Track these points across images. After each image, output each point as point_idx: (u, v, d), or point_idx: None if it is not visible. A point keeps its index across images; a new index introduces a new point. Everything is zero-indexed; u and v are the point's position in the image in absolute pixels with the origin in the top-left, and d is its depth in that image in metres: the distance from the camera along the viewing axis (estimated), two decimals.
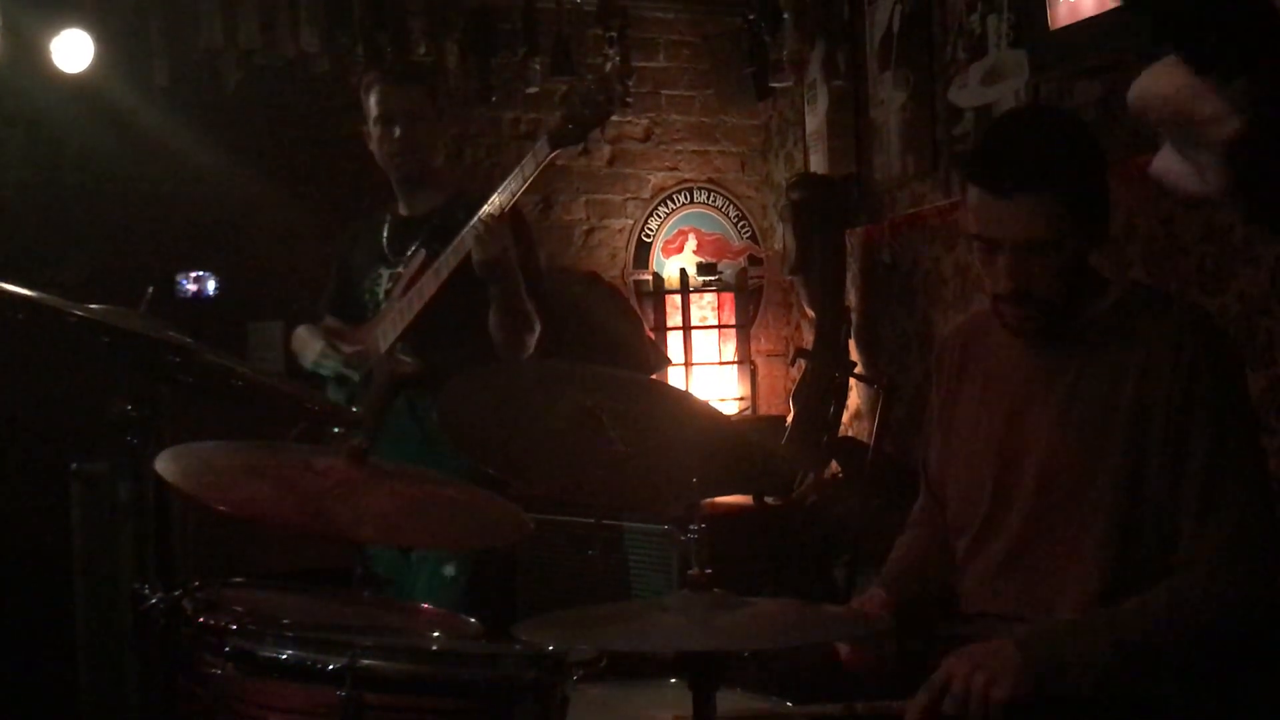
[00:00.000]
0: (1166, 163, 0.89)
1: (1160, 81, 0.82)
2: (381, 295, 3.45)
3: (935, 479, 2.40)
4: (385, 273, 3.46)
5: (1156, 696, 2.01)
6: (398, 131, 3.37)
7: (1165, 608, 1.98)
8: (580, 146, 3.24)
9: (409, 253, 3.40)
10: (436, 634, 2.17)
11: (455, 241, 3.23)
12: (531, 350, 3.36)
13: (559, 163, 5.43)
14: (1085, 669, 1.95)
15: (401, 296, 3.35)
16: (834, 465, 4.75)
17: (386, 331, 3.37)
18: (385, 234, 3.50)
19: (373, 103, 3.40)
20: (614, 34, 5.21)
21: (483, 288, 3.24)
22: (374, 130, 3.42)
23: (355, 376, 3.41)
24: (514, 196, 3.20)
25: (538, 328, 3.37)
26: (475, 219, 3.20)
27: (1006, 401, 2.21)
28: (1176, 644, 1.98)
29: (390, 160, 3.43)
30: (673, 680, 2.14)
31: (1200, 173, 0.87)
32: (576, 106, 3.17)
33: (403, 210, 3.49)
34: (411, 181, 3.45)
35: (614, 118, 5.43)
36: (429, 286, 3.27)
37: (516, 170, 3.20)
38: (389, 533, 2.15)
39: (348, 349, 3.43)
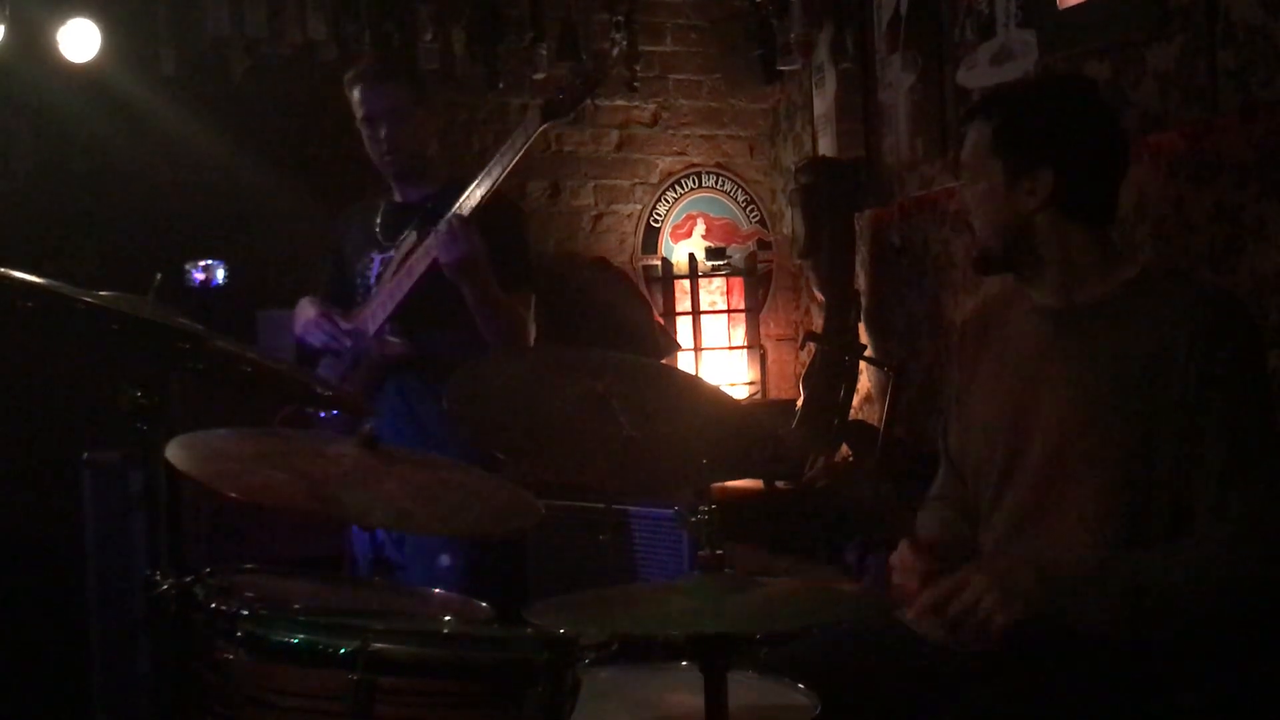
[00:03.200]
0: None
1: None
2: (373, 280, 3.45)
3: (955, 455, 2.40)
4: (376, 257, 3.46)
5: (1168, 677, 2.00)
6: (383, 132, 3.36)
7: (1188, 565, 1.97)
8: (570, 117, 3.24)
9: (401, 238, 3.39)
10: (448, 618, 2.17)
11: (460, 201, 3.23)
12: (524, 343, 3.35)
13: (566, 148, 5.43)
14: (1101, 608, 1.95)
15: (392, 278, 3.35)
16: (844, 449, 4.75)
17: (376, 312, 3.37)
18: (379, 220, 3.50)
19: (355, 103, 3.39)
20: (621, 18, 5.19)
21: None
22: (361, 130, 3.42)
23: (344, 346, 3.40)
24: (505, 169, 3.19)
25: (521, 322, 3.34)
26: (446, 218, 3.20)
27: (1021, 376, 2.22)
28: (1193, 605, 1.97)
29: (380, 159, 3.43)
30: (684, 663, 2.14)
31: None
32: (568, 77, 3.18)
33: (397, 197, 3.49)
34: (404, 176, 3.45)
35: (621, 102, 5.44)
36: (418, 267, 3.27)
37: (508, 143, 3.20)
38: (400, 519, 2.15)
39: (344, 325, 3.43)
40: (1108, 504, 2.06)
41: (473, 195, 3.21)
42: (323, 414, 3.12)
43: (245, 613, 1.84)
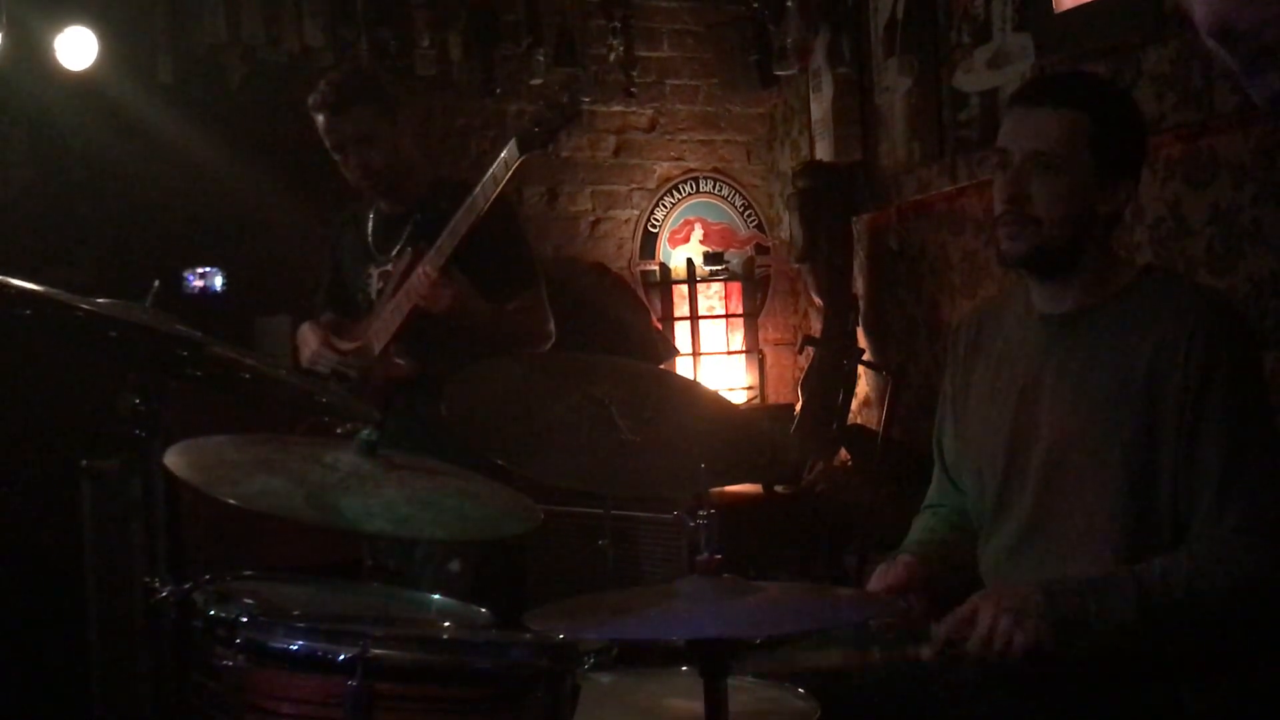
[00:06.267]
0: None
1: None
2: (374, 294, 3.44)
3: (951, 463, 2.40)
4: (374, 271, 3.46)
5: (1171, 679, 2.00)
6: (354, 160, 3.35)
7: (1187, 574, 1.96)
8: (549, 148, 3.23)
9: (395, 251, 3.39)
10: (447, 623, 2.17)
11: (439, 242, 3.23)
12: (545, 344, 3.37)
13: (563, 154, 5.43)
14: (1108, 623, 1.94)
15: (392, 297, 3.34)
16: (843, 453, 4.75)
17: (380, 333, 3.37)
18: (370, 229, 3.49)
19: (321, 131, 3.36)
20: (617, 24, 5.21)
21: (474, 285, 3.24)
22: (334, 155, 3.40)
23: (352, 374, 3.41)
24: (488, 201, 3.19)
25: (530, 326, 3.35)
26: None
27: (1019, 381, 2.21)
28: (1196, 612, 1.96)
29: (358, 183, 3.42)
30: (684, 668, 2.14)
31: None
32: (543, 109, 3.17)
33: (384, 208, 3.49)
34: (387, 193, 3.44)
35: (618, 107, 5.45)
36: (414, 291, 3.27)
37: (488, 176, 3.18)
38: (399, 525, 2.15)
39: (345, 347, 3.43)
40: (1111, 512, 2.05)
41: (456, 230, 3.20)
42: (339, 430, 3.12)
43: (244, 619, 1.83)
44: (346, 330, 3.49)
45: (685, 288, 5.55)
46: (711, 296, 5.59)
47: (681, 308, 5.55)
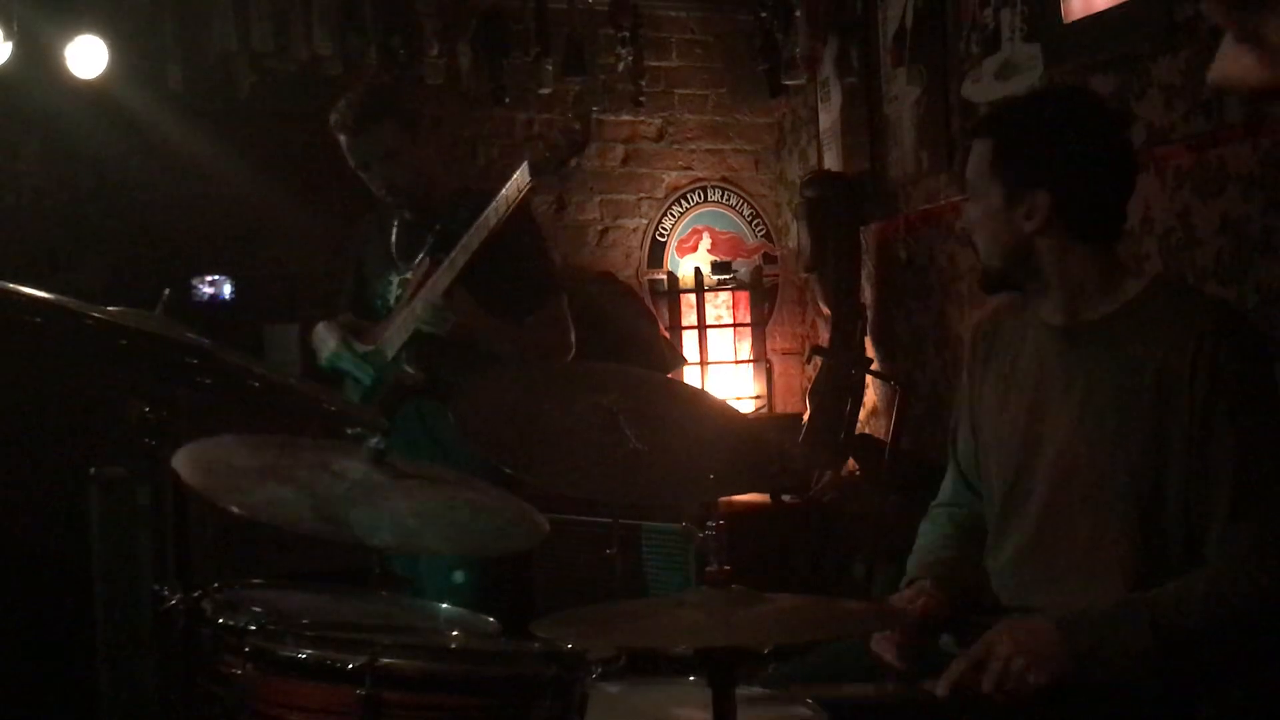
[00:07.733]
0: (1226, 62, 0.88)
1: None
2: (393, 301, 3.46)
3: (966, 465, 2.40)
4: (395, 279, 3.48)
5: (1186, 690, 2.00)
6: (378, 178, 3.38)
7: (1202, 598, 1.96)
8: (556, 176, 3.28)
9: (417, 260, 3.41)
10: (455, 632, 2.17)
11: (448, 259, 3.24)
12: (565, 356, 3.39)
13: (571, 163, 5.42)
14: (1124, 655, 1.93)
15: (408, 304, 3.36)
16: (851, 463, 4.74)
17: (392, 339, 3.38)
18: (394, 237, 3.51)
19: (344, 150, 3.40)
20: (626, 33, 5.22)
21: (484, 297, 3.25)
22: (358, 173, 3.43)
23: (366, 379, 3.42)
24: (500, 219, 3.20)
25: (548, 339, 3.37)
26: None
27: (1029, 393, 2.21)
28: (1213, 636, 1.96)
29: (383, 199, 3.45)
30: (691, 678, 2.13)
31: (1268, 54, 0.86)
32: (555, 137, 3.21)
33: (408, 216, 3.50)
34: (411, 206, 3.46)
35: (627, 117, 5.46)
36: (421, 311, 3.29)
37: (499, 197, 3.21)
38: (405, 540, 2.15)
39: (360, 349, 3.44)
40: (1118, 528, 2.05)
41: (467, 248, 3.22)
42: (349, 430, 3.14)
43: (253, 627, 1.84)
44: (363, 332, 3.51)
45: (693, 297, 5.54)
46: (719, 306, 5.59)
47: (689, 317, 5.55)
